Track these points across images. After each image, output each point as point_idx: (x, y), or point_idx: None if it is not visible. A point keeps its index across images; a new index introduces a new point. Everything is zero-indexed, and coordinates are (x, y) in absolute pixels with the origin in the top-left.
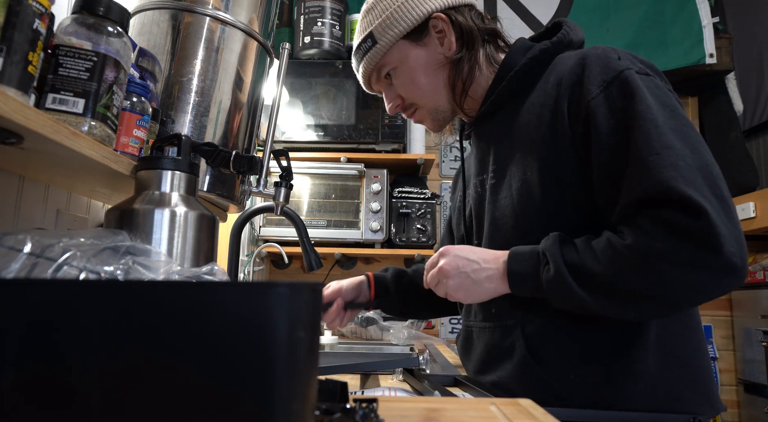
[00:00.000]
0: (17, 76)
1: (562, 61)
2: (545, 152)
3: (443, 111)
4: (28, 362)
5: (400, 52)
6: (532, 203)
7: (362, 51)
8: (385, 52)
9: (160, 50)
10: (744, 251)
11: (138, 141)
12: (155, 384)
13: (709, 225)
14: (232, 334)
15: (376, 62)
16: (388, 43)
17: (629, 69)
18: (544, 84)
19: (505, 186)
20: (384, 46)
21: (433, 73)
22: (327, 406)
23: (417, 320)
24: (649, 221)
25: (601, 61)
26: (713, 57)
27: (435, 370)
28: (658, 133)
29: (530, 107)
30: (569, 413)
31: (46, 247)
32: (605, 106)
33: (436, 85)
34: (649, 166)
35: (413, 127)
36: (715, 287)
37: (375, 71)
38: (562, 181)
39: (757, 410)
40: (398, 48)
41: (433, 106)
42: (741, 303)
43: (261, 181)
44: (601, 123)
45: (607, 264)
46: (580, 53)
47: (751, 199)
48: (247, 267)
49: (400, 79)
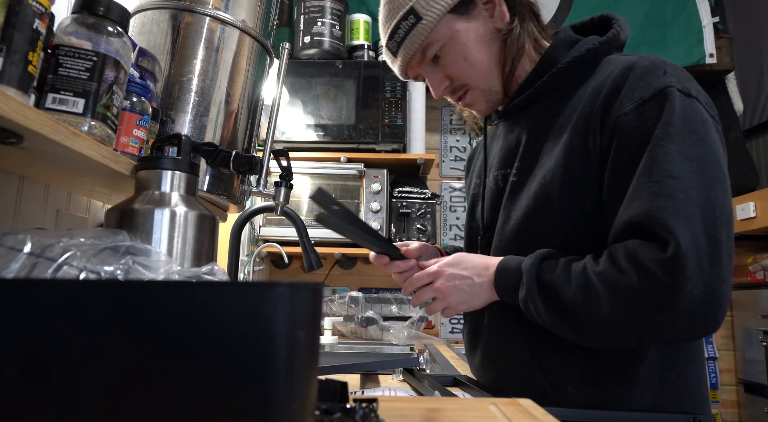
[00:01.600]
0: (17, 76)
1: (608, 64)
2: (570, 161)
3: (496, 91)
4: (28, 362)
5: (448, 27)
6: (548, 210)
7: (404, 30)
8: (432, 28)
9: (160, 50)
10: (716, 301)
11: (138, 141)
12: (155, 384)
13: (674, 260)
14: (232, 334)
15: (422, 40)
16: (434, 18)
17: (671, 87)
18: (585, 87)
19: (525, 186)
20: (431, 22)
21: (487, 47)
22: (327, 406)
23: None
24: (622, 251)
25: (646, 74)
26: (713, 57)
27: (435, 370)
28: (666, 161)
29: (567, 109)
30: (569, 413)
31: (46, 247)
32: (635, 125)
33: (489, 61)
34: (643, 193)
35: (413, 126)
36: (669, 330)
37: (420, 51)
38: (582, 194)
39: (757, 410)
40: (446, 22)
41: (486, 86)
42: (741, 303)
43: (261, 181)
44: (623, 141)
45: (576, 290)
46: (627, 61)
47: (751, 198)
48: (247, 267)
49: (451, 57)
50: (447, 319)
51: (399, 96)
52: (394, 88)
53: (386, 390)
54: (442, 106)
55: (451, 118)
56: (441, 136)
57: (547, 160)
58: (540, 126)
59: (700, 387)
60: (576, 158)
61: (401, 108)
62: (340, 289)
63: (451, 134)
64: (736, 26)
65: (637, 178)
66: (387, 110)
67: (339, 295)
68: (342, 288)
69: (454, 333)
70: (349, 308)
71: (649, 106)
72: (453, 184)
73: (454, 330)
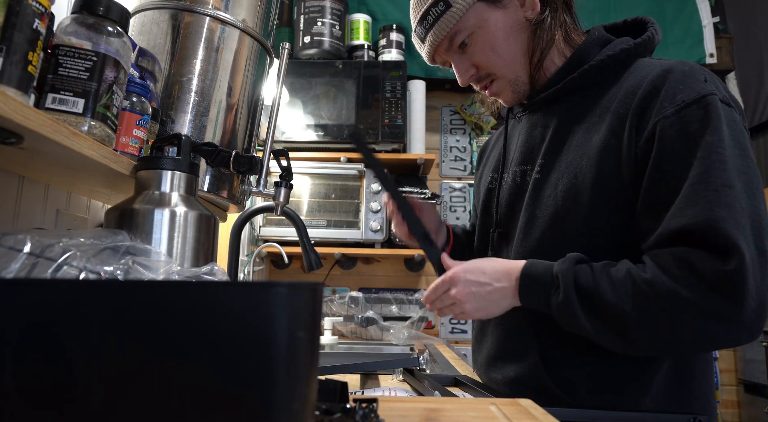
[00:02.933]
0: (17, 76)
1: (642, 66)
2: (603, 161)
3: (524, 82)
4: (28, 362)
5: (477, 15)
6: (577, 210)
7: (433, 16)
8: (461, 16)
9: (160, 50)
10: (765, 313)
11: (138, 141)
12: (155, 385)
13: (739, 273)
14: (232, 334)
15: (450, 28)
16: (464, 5)
17: (713, 94)
18: (617, 88)
19: (550, 184)
20: (460, 10)
21: (515, 37)
22: (327, 406)
23: (418, 320)
24: (677, 261)
25: (686, 78)
26: (713, 57)
27: (435, 370)
28: (723, 169)
29: (597, 109)
30: (569, 413)
31: (45, 247)
32: (676, 128)
33: (517, 51)
34: (702, 200)
35: (413, 127)
36: (724, 340)
37: (448, 39)
38: (613, 195)
39: (757, 410)
40: (475, 11)
41: (513, 76)
42: None
43: (261, 181)
44: (665, 144)
45: (623, 297)
46: (665, 64)
47: None
48: (247, 267)
49: (478, 45)
50: (447, 319)
51: (399, 96)
52: (394, 88)
53: (386, 390)
54: (442, 106)
55: (451, 118)
56: (441, 136)
57: (575, 158)
58: (567, 123)
59: (708, 389)
60: (609, 159)
61: (401, 108)
62: (340, 289)
63: (451, 134)
64: (736, 26)
65: (691, 185)
66: (387, 110)
67: (339, 295)
68: (342, 288)
69: (454, 333)
70: (349, 308)
71: (692, 111)
72: (453, 184)
73: (454, 330)
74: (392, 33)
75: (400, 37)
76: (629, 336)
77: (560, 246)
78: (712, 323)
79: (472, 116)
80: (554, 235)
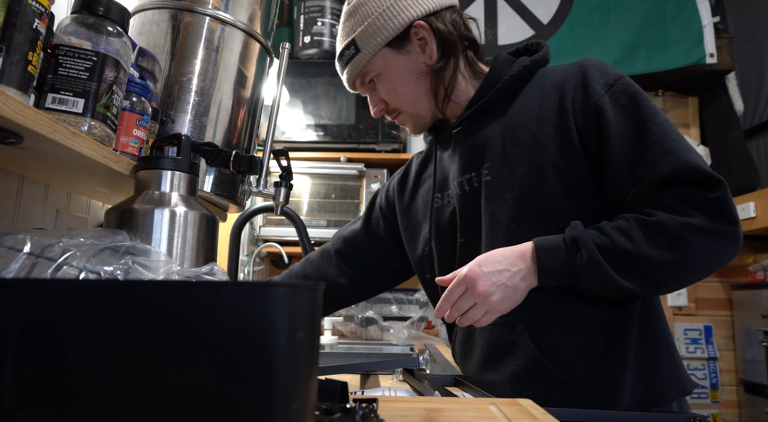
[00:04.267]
0: (17, 76)
1: (552, 70)
2: (549, 148)
3: (424, 117)
4: (28, 362)
5: (382, 59)
6: (538, 196)
7: (346, 58)
8: (368, 60)
9: (159, 50)
10: None
11: (138, 141)
12: (155, 385)
13: (726, 197)
14: (232, 334)
15: (359, 69)
16: (370, 51)
17: (624, 76)
18: (536, 90)
19: (503, 181)
20: (367, 55)
21: (415, 81)
22: (327, 406)
23: (418, 320)
24: (676, 199)
25: (599, 67)
26: (713, 57)
27: (435, 370)
28: (670, 125)
29: (524, 110)
30: (569, 413)
31: (45, 247)
32: (612, 104)
33: (419, 92)
34: (671, 149)
35: None
36: (730, 255)
37: (359, 77)
38: (568, 176)
39: (758, 410)
40: (381, 56)
41: (415, 112)
42: (741, 303)
43: (261, 181)
44: (611, 118)
45: (640, 241)
46: (574, 63)
47: (751, 198)
48: (247, 267)
49: (384, 85)
50: None
51: None
52: None
53: (386, 390)
54: None
55: None
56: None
57: (521, 152)
58: (501, 128)
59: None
60: (551, 145)
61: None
62: None
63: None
64: (736, 26)
65: (655, 141)
66: None
67: None
68: None
69: None
70: (349, 308)
71: (617, 89)
72: None
73: None
74: None
75: None
76: (658, 275)
77: (528, 234)
78: (720, 242)
79: None
80: (520, 226)
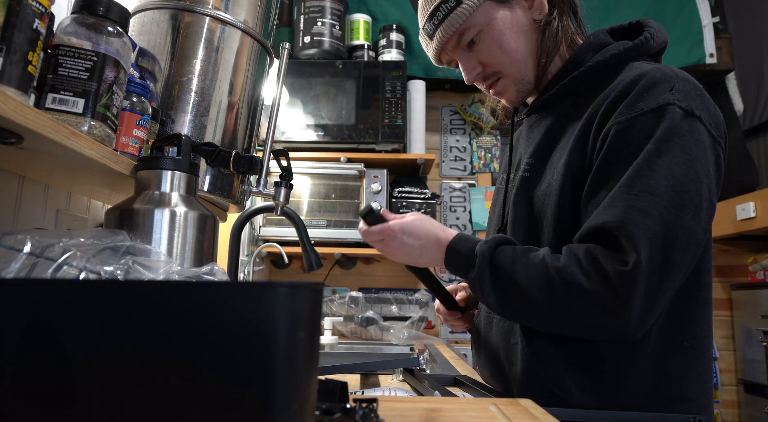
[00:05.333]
0: (17, 76)
1: (630, 70)
2: (575, 162)
3: (528, 82)
4: (28, 362)
5: (486, 13)
6: (548, 207)
7: (443, 13)
8: (470, 14)
9: (160, 50)
10: (650, 315)
11: (138, 141)
12: (155, 384)
13: (632, 274)
14: (232, 334)
15: (459, 25)
16: (473, 3)
17: (673, 104)
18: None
19: (535, 184)
20: (470, 7)
21: (523, 37)
22: (327, 406)
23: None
24: (584, 253)
25: (653, 87)
26: (713, 57)
27: (435, 370)
28: (650, 177)
29: (581, 112)
30: (569, 413)
31: (46, 247)
32: (625, 133)
33: (525, 51)
34: (621, 203)
35: (413, 127)
36: (609, 330)
37: (457, 35)
38: (578, 194)
39: (757, 410)
40: (484, 9)
41: (519, 75)
42: (741, 303)
43: (261, 181)
44: (611, 147)
45: (534, 280)
46: (641, 70)
47: (751, 199)
48: (247, 267)
49: (486, 43)
50: None
51: (399, 96)
52: (394, 88)
53: (386, 390)
54: (442, 106)
55: (451, 118)
56: (441, 136)
57: (556, 159)
58: (555, 126)
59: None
60: (576, 159)
61: (401, 108)
62: (340, 289)
63: (451, 134)
64: (736, 26)
65: (618, 187)
66: (387, 110)
67: (339, 295)
68: (342, 289)
69: (454, 333)
70: (349, 308)
71: (646, 119)
72: (453, 184)
73: (454, 330)
74: (392, 33)
75: (400, 37)
76: (531, 314)
77: (537, 240)
78: (601, 314)
79: (472, 116)
80: (532, 230)
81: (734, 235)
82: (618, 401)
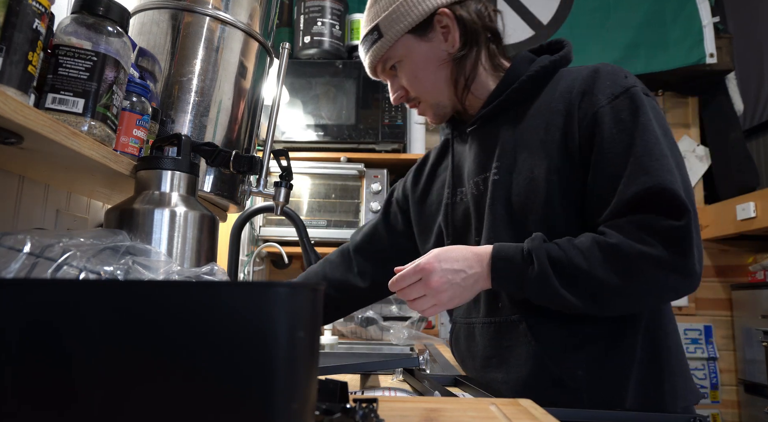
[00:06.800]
0: (17, 76)
1: (569, 72)
2: (554, 153)
3: (444, 106)
4: (28, 362)
5: (404, 46)
6: (536, 200)
7: (368, 42)
8: (390, 46)
9: (160, 50)
10: (701, 268)
11: (138, 141)
12: (155, 384)
13: (688, 228)
14: (232, 334)
15: (381, 55)
16: (393, 37)
17: (635, 87)
18: (551, 91)
19: (511, 183)
20: (389, 40)
21: (436, 69)
22: (327, 406)
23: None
24: (638, 224)
25: (611, 76)
26: (713, 57)
27: (435, 370)
28: (658, 144)
29: (537, 112)
30: (569, 413)
31: (46, 247)
32: (610, 116)
33: (439, 81)
34: (650, 169)
35: (413, 127)
36: (684, 288)
37: (380, 63)
38: (566, 182)
39: (757, 410)
40: (403, 42)
41: (434, 101)
42: (741, 303)
43: (261, 181)
44: (605, 130)
45: (593, 262)
46: (592, 67)
47: (751, 199)
48: (247, 267)
49: (405, 72)
50: (447, 319)
51: None
52: None
53: (386, 390)
54: None
55: None
56: (441, 136)
57: (528, 156)
58: (513, 130)
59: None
60: (556, 150)
61: (401, 108)
62: None
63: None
64: (736, 26)
65: (638, 158)
66: (387, 110)
67: None
68: None
69: None
70: None
71: (621, 101)
72: None
73: None
74: None
75: None
76: (604, 297)
77: (524, 233)
78: (670, 274)
79: None
80: (516, 227)
81: (734, 235)
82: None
